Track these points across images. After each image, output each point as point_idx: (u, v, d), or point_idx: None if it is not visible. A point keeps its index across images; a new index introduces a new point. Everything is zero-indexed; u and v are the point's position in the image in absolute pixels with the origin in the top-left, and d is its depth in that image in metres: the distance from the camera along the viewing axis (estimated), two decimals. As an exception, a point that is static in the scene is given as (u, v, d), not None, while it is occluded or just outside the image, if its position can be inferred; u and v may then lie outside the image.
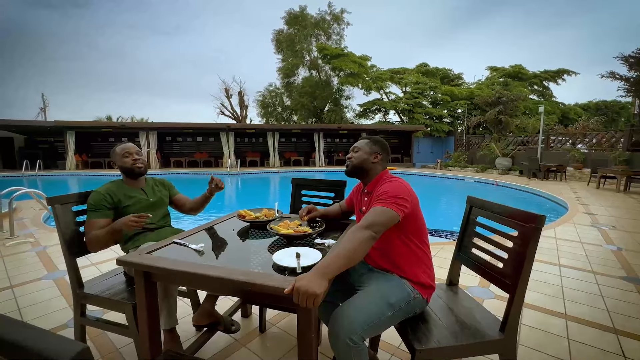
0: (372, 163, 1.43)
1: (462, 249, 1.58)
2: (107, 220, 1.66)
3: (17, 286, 2.48)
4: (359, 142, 1.49)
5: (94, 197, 1.66)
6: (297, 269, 1.06)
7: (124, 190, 1.76)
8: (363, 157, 1.43)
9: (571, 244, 3.51)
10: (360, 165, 1.44)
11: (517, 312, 1.19)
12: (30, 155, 15.14)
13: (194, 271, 1.06)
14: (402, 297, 1.23)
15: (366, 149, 1.44)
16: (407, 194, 1.25)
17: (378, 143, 1.48)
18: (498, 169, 13.21)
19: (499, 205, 1.37)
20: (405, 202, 1.22)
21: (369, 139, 1.49)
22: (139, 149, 1.89)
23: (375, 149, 1.45)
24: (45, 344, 0.42)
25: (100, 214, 1.64)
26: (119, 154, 1.81)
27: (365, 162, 1.43)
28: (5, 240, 3.68)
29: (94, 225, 1.61)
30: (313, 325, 1.00)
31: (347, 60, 21.17)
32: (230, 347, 1.73)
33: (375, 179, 1.42)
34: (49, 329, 1.89)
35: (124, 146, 1.83)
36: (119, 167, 1.82)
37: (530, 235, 1.15)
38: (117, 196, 1.71)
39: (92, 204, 1.65)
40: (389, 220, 1.17)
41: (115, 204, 1.70)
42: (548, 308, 2.11)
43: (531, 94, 25.21)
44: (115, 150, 1.83)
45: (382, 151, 1.46)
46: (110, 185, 1.75)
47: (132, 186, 1.83)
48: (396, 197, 1.22)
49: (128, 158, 1.80)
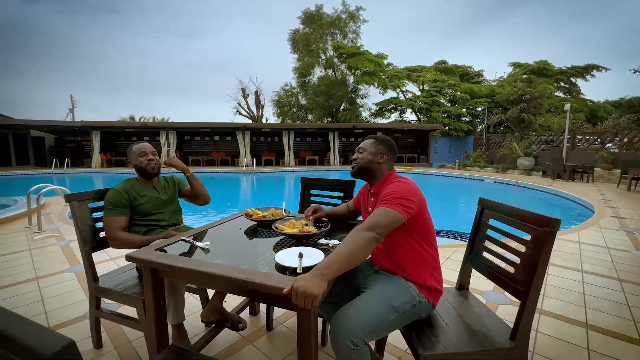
0: (378, 163, 1.40)
1: (472, 252, 1.52)
2: (126, 218, 1.71)
3: (42, 278, 2.61)
4: (364, 142, 1.46)
5: (112, 195, 1.70)
6: (298, 269, 1.05)
7: (137, 189, 1.81)
8: (368, 157, 1.40)
9: (596, 249, 3.33)
10: (365, 166, 1.41)
11: (528, 320, 1.14)
12: (59, 153, 16.00)
13: (195, 268, 1.08)
14: (407, 301, 1.20)
15: (371, 150, 1.41)
16: (413, 194, 1.22)
17: (384, 143, 1.44)
18: (520, 170, 12.72)
19: (511, 208, 1.30)
20: (410, 202, 1.19)
21: (375, 139, 1.45)
22: (154, 149, 1.91)
23: (380, 149, 1.41)
24: (31, 336, 0.43)
25: (119, 212, 1.69)
26: (135, 152, 1.84)
27: (370, 162, 1.40)
28: (34, 235, 3.90)
29: (115, 223, 1.66)
30: (313, 325, 0.99)
31: (363, 59, 20.99)
32: (237, 344, 1.75)
33: (381, 179, 1.39)
34: (69, 320, 1.98)
35: (140, 145, 1.86)
36: (134, 166, 1.85)
37: (544, 240, 1.09)
38: (132, 194, 1.76)
39: (110, 201, 1.69)
40: (392, 222, 1.14)
41: (130, 202, 1.75)
42: (568, 316, 2.00)
43: (557, 91, 24.09)
44: (132, 149, 1.85)
45: (388, 151, 1.42)
46: (124, 184, 1.80)
47: (145, 184, 1.87)
48: (401, 197, 1.19)
49: (143, 158, 1.83)
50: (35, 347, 0.42)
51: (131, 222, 1.78)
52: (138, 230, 1.78)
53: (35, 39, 75.98)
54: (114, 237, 1.65)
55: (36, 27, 77.69)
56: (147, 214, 1.80)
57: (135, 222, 1.78)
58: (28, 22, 78.19)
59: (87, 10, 73.00)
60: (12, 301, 2.23)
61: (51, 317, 2.02)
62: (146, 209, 1.79)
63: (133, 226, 1.78)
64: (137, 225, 1.79)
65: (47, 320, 1.98)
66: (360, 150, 1.44)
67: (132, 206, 1.76)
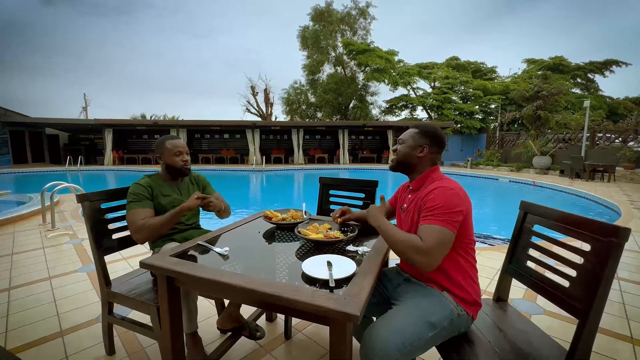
0: (418, 157, 1.24)
1: (513, 261, 1.38)
2: (151, 210, 1.58)
3: (55, 277, 2.58)
4: (406, 132, 1.29)
5: (136, 188, 1.59)
6: (330, 282, 0.94)
7: (160, 187, 1.68)
8: (405, 151, 1.25)
9: (631, 254, 3.12)
10: (403, 160, 1.26)
11: (589, 340, 1.00)
12: (73, 151, 16.31)
13: (216, 279, 0.98)
14: (445, 315, 1.08)
15: (410, 142, 1.25)
16: (462, 203, 1.09)
17: (426, 134, 1.25)
18: (535, 168, 12.34)
19: (565, 214, 1.16)
20: (459, 215, 1.06)
21: (418, 128, 1.27)
22: (187, 148, 1.77)
23: (421, 142, 1.23)
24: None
25: (144, 204, 1.56)
26: (170, 150, 1.67)
27: (408, 156, 1.24)
28: (48, 232, 3.90)
29: (140, 214, 1.52)
30: (348, 340, 0.88)
31: (373, 56, 20.71)
32: (254, 353, 1.66)
33: (422, 175, 1.24)
34: (81, 323, 1.92)
35: (176, 143, 1.69)
36: (166, 164, 1.69)
37: (610, 252, 0.96)
38: (155, 190, 1.64)
39: (133, 194, 1.57)
40: (448, 246, 1.05)
41: (152, 197, 1.63)
42: (611, 330, 1.84)
43: (574, 87, 23.35)
44: (165, 145, 1.68)
45: (431, 143, 1.24)
46: (148, 180, 1.67)
47: (170, 183, 1.73)
48: (450, 211, 1.06)
49: (179, 157, 1.68)
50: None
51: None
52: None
53: (52, 40, 77.84)
54: (138, 227, 1.47)
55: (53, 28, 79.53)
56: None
57: None
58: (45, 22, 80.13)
59: (104, 12, 74.54)
60: (26, 301, 2.18)
61: (63, 319, 1.96)
62: (165, 210, 1.64)
63: None
64: None
65: (59, 322, 1.92)
66: (400, 141, 1.29)
67: (154, 203, 1.63)
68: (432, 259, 1.02)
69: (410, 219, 1.21)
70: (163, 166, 1.72)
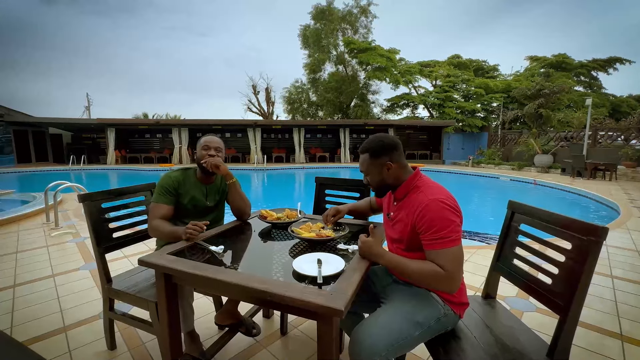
0: (390, 174, 1.22)
1: (501, 259, 1.42)
2: (170, 207, 1.58)
3: (58, 275, 2.64)
4: (362, 162, 1.26)
5: (164, 180, 1.60)
6: (318, 279, 0.98)
7: (189, 185, 1.66)
8: (376, 179, 1.24)
9: (627, 252, 3.14)
10: (379, 185, 1.26)
11: (569, 336, 1.04)
12: (76, 150, 16.44)
13: (211, 276, 1.02)
14: (432, 315, 1.12)
15: (372, 169, 1.23)
16: (457, 214, 1.07)
17: (379, 151, 1.20)
18: (537, 167, 12.33)
19: (549, 213, 1.20)
20: (459, 227, 1.06)
21: (368, 152, 1.22)
22: (221, 146, 1.71)
23: (381, 161, 1.20)
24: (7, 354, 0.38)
25: (165, 199, 1.57)
26: (200, 144, 1.67)
27: (382, 181, 1.23)
28: (51, 231, 3.97)
29: (157, 210, 1.55)
30: (334, 335, 0.93)
31: (375, 54, 20.67)
32: (251, 349, 1.71)
33: (403, 185, 1.22)
34: (83, 319, 1.98)
35: (207, 138, 1.68)
36: (196, 158, 1.68)
37: (589, 250, 0.99)
38: (181, 187, 1.63)
39: (160, 186, 1.59)
40: (463, 260, 1.06)
41: (177, 193, 1.62)
42: (601, 327, 1.87)
43: (576, 85, 23.20)
44: (200, 141, 1.69)
45: (390, 154, 1.20)
46: (179, 174, 1.66)
47: (201, 181, 1.70)
48: (452, 228, 1.04)
49: (205, 152, 1.64)
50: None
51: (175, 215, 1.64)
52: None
53: (54, 39, 78.15)
54: (150, 225, 1.53)
55: (56, 28, 79.82)
56: (185, 214, 1.65)
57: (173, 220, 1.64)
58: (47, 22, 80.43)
59: (105, 11, 74.73)
60: (30, 298, 2.25)
61: (67, 315, 2.02)
62: (186, 209, 1.64)
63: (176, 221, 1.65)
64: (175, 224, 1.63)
65: (62, 318, 1.98)
66: (364, 173, 1.27)
67: (178, 198, 1.63)
68: (457, 282, 1.03)
69: (400, 232, 1.20)
70: (197, 162, 1.69)
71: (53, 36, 78.79)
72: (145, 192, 1.94)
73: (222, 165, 1.63)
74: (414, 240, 1.14)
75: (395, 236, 1.25)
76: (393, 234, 1.26)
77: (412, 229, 1.13)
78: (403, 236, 1.18)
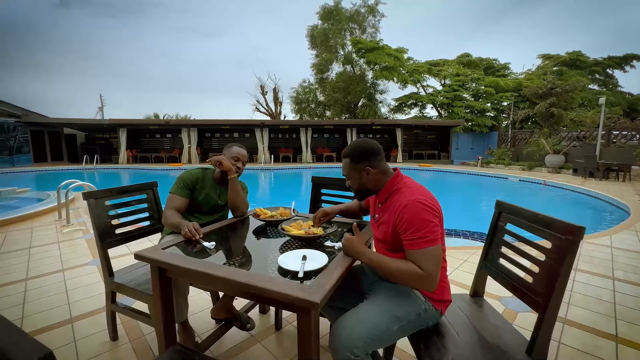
0: (369, 179, 1.25)
1: (488, 258, 1.44)
2: (185, 200, 1.75)
3: (67, 270, 2.76)
4: (343, 167, 1.30)
5: (185, 175, 1.79)
6: (299, 274, 1.02)
7: (205, 183, 1.84)
8: (357, 183, 1.27)
9: (631, 254, 3.08)
10: (361, 190, 1.29)
11: (547, 333, 1.05)
12: (90, 150, 16.88)
13: (199, 269, 1.08)
14: (412, 310, 1.15)
15: (354, 174, 1.27)
16: (435, 214, 1.10)
17: (358, 156, 1.24)
18: (548, 167, 12.08)
19: (531, 212, 1.21)
20: (437, 227, 1.09)
21: (349, 157, 1.27)
22: (246, 158, 1.93)
23: (361, 166, 1.24)
24: (11, 344, 0.43)
25: (182, 192, 1.75)
26: (230, 153, 1.86)
27: (363, 184, 1.27)
28: (62, 228, 4.12)
29: (173, 201, 1.72)
30: (313, 326, 0.97)
31: (382, 54, 20.57)
32: (245, 343, 1.76)
33: (384, 188, 1.26)
34: (89, 311, 2.07)
35: (238, 151, 1.87)
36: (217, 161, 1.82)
37: (567, 249, 1.01)
38: (199, 183, 1.82)
39: (180, 179, 1.77)
40: (441, 260, 1.09)
41: (194, 188, 1.80)
42: (596, 328, 1.86)
43: (591, 83, 22.60)
44: (231, 150, 1.87)
45: (369, 159, 1.24)
46: (200, 172, 1.85)
47: (217, 182, 1.88)
48: (430, 228, 1.07)
49: (235, 162, 1.84)
50: (14, 356, 0.41)
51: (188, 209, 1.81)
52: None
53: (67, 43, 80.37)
54: (164, 215, 1.69)
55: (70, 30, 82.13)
56: (197, 210, 1.83)
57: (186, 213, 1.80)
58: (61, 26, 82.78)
59: (116, 13, 76.44)
60: (40, 291, 2.36)
61: (73, 308, 2.12)
62: (199, 204, 1.81)
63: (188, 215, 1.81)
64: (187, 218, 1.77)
65: (70, 310, 2.08)
66: (347, 177, 1.31)
67: (193, 193, 1.80)
68: (435, 281, 1.05)
69: (384, 232, 1.23)
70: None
71: (67, 39, 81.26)
72: (147, 191, 2.02)
73: (225, 161, 1.78)
74: (397, 241, 1.17)
75: (380, 237, 1.28)
76: (378, 235, 1.30)
77: (393, 230, 1.16)
78: (387, 237, 1.22)
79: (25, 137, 15.97)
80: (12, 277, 2.61)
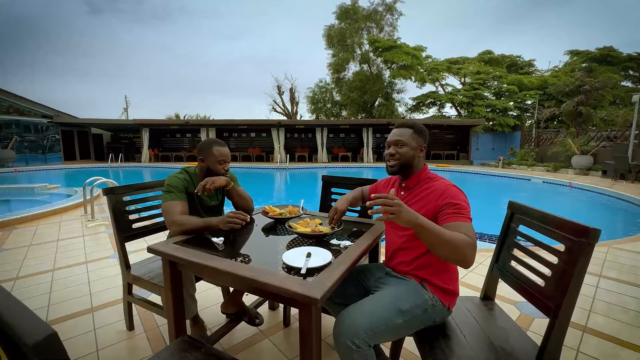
0: (418, 157, 1.29)
1: (500, 260, 1.39)
2: (186, 203, 1.62)
3: (90, 262, 2.90)
4: (401, 133, 1.28)
5: (173, 180, 1.64)
6: (302, 270, 1.04)
7: (194, 185, 1.72)
8: (410, 153, 1.26)
9: (661, 261, 2.89)
10: (405, 162, 1.27)
11: (559, 339, 1.01)
12: (115, 149, 17.67)
13: (205, 263, 1.11)
14: (418, 304, 1.13)
15: (412, 144, 1.27)
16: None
17: (422, 133, 1.29)
18: (575, 169, 11.51)
19: (544, 213, 1.17)
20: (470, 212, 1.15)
21: (412, 128, 1.28)
22: (229, 158, 1.80)
23: (420, 141, 1.28)
24: (20, 322, 0.46)
25: (178, 197, 1.61)
26: (215, 157, 1.69)
27: (411, 157, 1.27)
28: (88, 222, 4.34)
29: (174, 207, 1.55)
30: (314, 322, 0.98)
31: (400, 52, 20.26)
32: (254, 338, 1.80)
33: (416, 174, 1.29)
34: (108, 302, 2.18)
35: (222, 151, 1.71)
36: (208, 167, 1.71)
37: (580, 252, 0.96)
38: (190, 187, 1.70)
39: (170, 185, 1.62)
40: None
41: (188, 192, 1.68)
42: (619, 337, 1.76)
43: (624, 80, 21.28)
44: (213, 151, 1.69)
45: (425, 142, 1.30)
46: (184, 174, 1.72)
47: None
48: (469, 209, 1.14)
49: (221, 166, 1.72)
50: (19, 333, 0.45)
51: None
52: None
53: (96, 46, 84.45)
54: (174, 221, 1.50)
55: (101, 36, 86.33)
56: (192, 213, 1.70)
57: None
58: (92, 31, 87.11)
59: (144, 19, 79.50)
60: (65, 281, 2.50)
61: (94, 298, 2.23)
62: (195, 208, 1.72)
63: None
64: None
65: (91, 300, 2.20)
66: (399, 144, 1.27)
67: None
68: (475, 254, 1.04)
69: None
70: (204, 168, 1.73)
71: (96, 44, 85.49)
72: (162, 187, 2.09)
73: (218, 181, 1.65)
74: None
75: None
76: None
77: (433, 210, 1.17)
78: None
79: (56, 136, 16.91)
80: (42, 268, 2.78)
